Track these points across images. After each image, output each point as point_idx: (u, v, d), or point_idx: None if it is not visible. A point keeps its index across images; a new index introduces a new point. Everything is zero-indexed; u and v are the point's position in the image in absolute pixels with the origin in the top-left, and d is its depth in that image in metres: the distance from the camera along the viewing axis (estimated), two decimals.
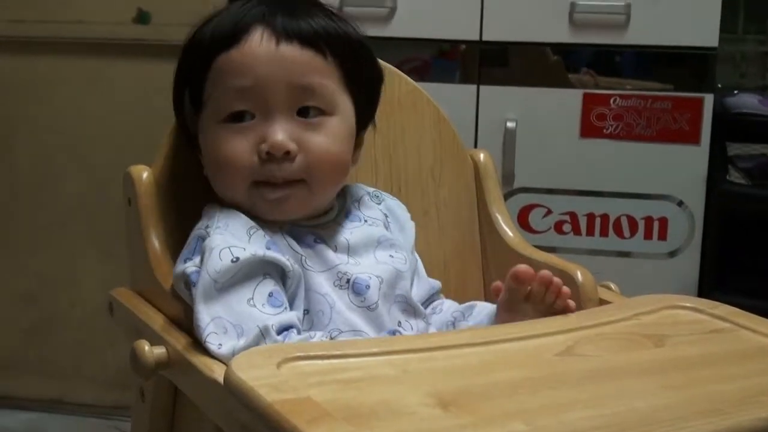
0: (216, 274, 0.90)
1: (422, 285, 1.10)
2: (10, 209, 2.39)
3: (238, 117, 0.98)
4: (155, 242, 1.05)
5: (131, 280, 1.11)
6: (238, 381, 0.73)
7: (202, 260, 0.92)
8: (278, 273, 0.94)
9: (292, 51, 0.98)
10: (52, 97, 2.33)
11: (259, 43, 0.97)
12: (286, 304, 0.92)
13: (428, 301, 1.10)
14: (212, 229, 0.95)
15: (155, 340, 0.95)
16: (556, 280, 0.98)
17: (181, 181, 1.08)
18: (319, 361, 0.77)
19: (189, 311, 0.93)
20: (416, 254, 1.11)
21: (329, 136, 0.99)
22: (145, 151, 1.13)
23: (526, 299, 0.98)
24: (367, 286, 0.98)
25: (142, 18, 2.27)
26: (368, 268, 1.00)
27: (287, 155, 0.97)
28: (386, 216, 1.09)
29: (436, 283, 1.12)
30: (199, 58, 1.00)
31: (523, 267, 0.98)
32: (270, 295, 0.91)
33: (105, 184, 2.27)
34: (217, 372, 0.84)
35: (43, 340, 2.44)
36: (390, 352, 0.80)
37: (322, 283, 0.97)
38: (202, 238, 0.95)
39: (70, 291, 2.41)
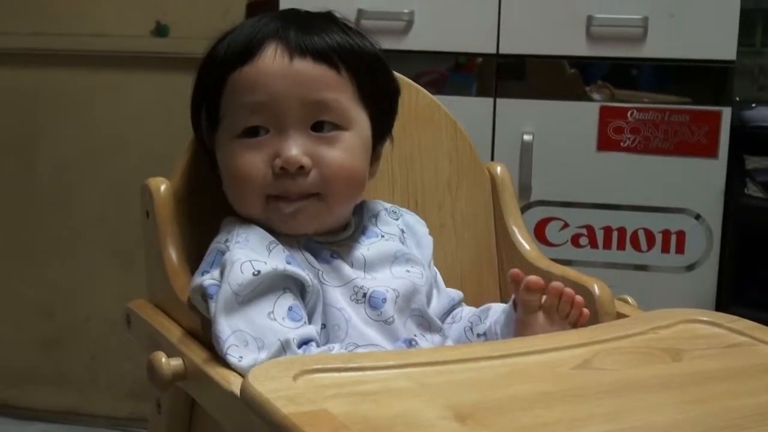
0: (237, 287, 0.91)
1: (442, 297, 1.10)
2: (28, 220, 2.40)
3: (252, 132, 0.98)
4: (173, 254, 1.05)
5: (148, 292, 1.12)
6: (255, 393, 0.73)
7: (222, 274, 0.93)
8: (297, 287, 0.95)
9: (305, 66, 0.98)
10: (70, 109, 2.34)
11: (272, 58, 0.98)
12: (306, 318, 0.93)
13: (449, 312, 1.10)
14: (232, 243, 0.95)
15: (172, 351, 0.96)
16: (568, 290, 0.98)
17: (199, 193, 1.08)
18: (336, 374, 0.77)
19: (206, 323, 0.94)
20: (435, 268, 1.11)
21: (344, 150, 0.99)
22: (164, 163, 1.13)
23: (540, 310, 0.98)
24: (384, 300, 0.98)
25: (160, 31, 2.29)
26: (384, 282, 1.00)
27: (301, 170, 0.97)
28: (403, 231, 1.09)
29: (457, 294, 1.12)
30: (213, 75, 1.01)
31: (533, 278, 0.98)
32: (290, 309, 0.91)
33: (123, 196, 2.29)
34: (234, 384, 0.84)
35: (59, 351, 2.44)
36: (407, 365, 0.80)
37: (339, 297, 0.98)
38: (222, 252, 0.95)
39: (86, 302, 2.42)
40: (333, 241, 1.02)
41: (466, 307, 1.11)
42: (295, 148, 0.97)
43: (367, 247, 1.03)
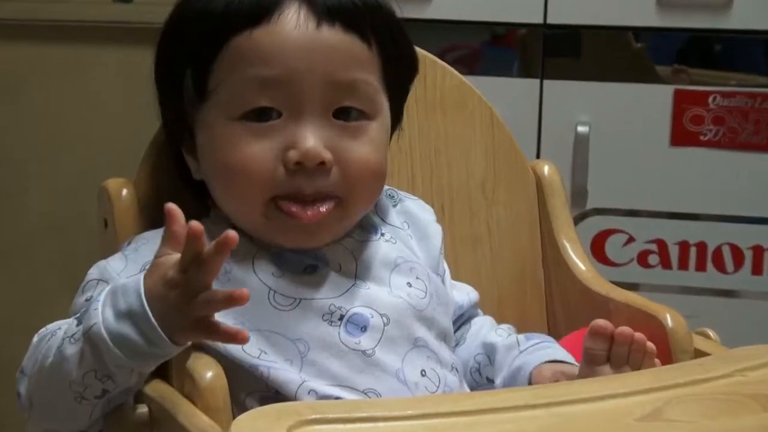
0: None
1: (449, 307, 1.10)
2: None
3: (259, 114, 0.97)
4: None
5: None
6: None
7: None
8: None
9: (334, 35, 0.97)
10: (19, 92, 2.35)
11: (295, 22, 0.96)
12: None
13: (459, 321, 1.12)
14: (123, 250, 1.01)
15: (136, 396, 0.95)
16: (638, 335, 0.98)
17: (168, 198, 1.08)
18: (341, 425, 0.77)
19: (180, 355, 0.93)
20: (444, 263, 1.11)
21: (370, 143, 0.99)
22: (127, 159, 1.13)
23: (607, 361, 0.98)
24: (364, 327, 0.97)
25: None
26: (374, 300, 0.99)
27: (321, 166, 0.96)
28: (406, 223, 1.08)
29: (464, 297, 1.13)
30: (207, 33, 0.98)
31: (600, 322, 0.98)
32: None
33: (77, 200, 2.29)
34: None
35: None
36: (429, 415, 0.80)
37: (298, 321, 0.96)
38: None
39: (30, 325, 2.42)
40: (317, 246, 1.01)
41: (483, 321, 1.13)
42: (315, 139, 0.96)
43: (361, 248, 1.02)
